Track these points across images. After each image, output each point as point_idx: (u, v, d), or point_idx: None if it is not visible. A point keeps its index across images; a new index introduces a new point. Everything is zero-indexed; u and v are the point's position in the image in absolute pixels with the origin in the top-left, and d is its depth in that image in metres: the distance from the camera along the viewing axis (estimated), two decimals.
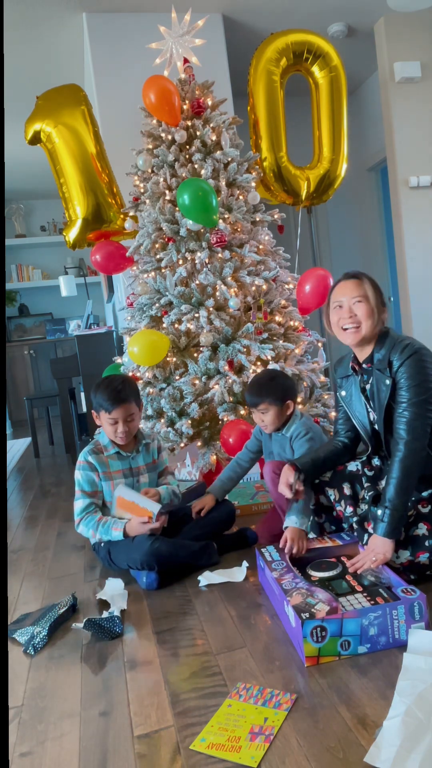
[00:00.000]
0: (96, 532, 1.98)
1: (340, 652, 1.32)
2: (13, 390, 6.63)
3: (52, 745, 1.18)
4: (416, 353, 1.54)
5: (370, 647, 1.33)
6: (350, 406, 1.78)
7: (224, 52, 3.65)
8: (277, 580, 1.54)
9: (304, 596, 1.43)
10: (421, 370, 1.53)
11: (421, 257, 3.98)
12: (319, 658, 1.31)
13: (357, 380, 1.74)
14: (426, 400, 1.52)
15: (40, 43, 3.67)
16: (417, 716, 1.05)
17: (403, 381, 1.54)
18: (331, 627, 1.31)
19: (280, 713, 1.15)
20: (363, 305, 1.61)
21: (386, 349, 1.61)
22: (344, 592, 1.46)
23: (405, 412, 1.53)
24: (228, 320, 2.65)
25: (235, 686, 1.26)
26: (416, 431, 1.51)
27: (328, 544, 1.72)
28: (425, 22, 3.90)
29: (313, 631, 1.30)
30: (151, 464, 2.16)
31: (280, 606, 1.52)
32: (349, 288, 1.64)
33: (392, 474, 1.52)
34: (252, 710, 1.18)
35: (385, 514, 1.51)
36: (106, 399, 1.99)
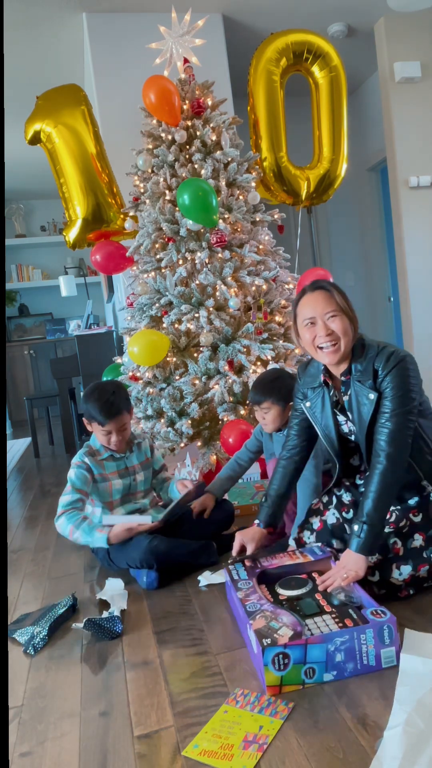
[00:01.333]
0: (77, 529, 1.91)
1: (304, 681, 1.23)
2: (13, 390, 6.63)
3: (52, 745, 1.18)
4: (402, 361, 1.47)
5: (336, 674, 1.24)
6: (316, 419, 1.67)
7: (224, 52, 3.65)
8: (241, 600, 1.45)
9: (268, 619, 1.34)
10: (406, 379, 1.46)
11: (421, 257, 3.97)
12: (282, 687, 1.22)
13: (326, 393, 1.63)
14: (409, 410, 1.46)
15: (40, 43, 3.67)
16: (418, 725, 1.04)
17: (388, 391, 1.47)
18: (295, 654, 1.22)
19: (276, 722, 1.13)
20: (338, 320, 1.50)
21: (368, 359, 1.51)
22: (312, 612, 1.37)
23: (387, 422, 1.46)
24: (228, 320, 2.65)
25: (233, 691, 1.24)
26: (398, 443, 1.44)
27: (299, 560, 1.62)
28: (425, 22, 3.90)
29: (274, 659, 1.21)
30: (144, 462, 2.17)
31: (243, 628, 1.44)
32: (320, 302, 1.51)
33: (371, 488, 1.44)
34: (248, 717, 1.15)
35: (362, 529, 1.43)
36: (99, 412, 1.98)
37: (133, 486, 2.13)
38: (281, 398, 2.00)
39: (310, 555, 1.64)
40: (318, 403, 1.66)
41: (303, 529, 1.74)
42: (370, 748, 1.04)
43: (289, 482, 1.77)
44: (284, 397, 2.00)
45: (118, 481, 2.08)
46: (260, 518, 1.76)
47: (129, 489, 2.12)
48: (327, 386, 1.63)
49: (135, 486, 2.13)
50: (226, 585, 1.67)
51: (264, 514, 1.75)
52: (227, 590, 1.68)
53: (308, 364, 1.70)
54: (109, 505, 2.08)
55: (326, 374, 1.63)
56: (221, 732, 1.13)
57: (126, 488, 2.10)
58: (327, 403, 1.64)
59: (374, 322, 5.22)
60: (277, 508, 1.76)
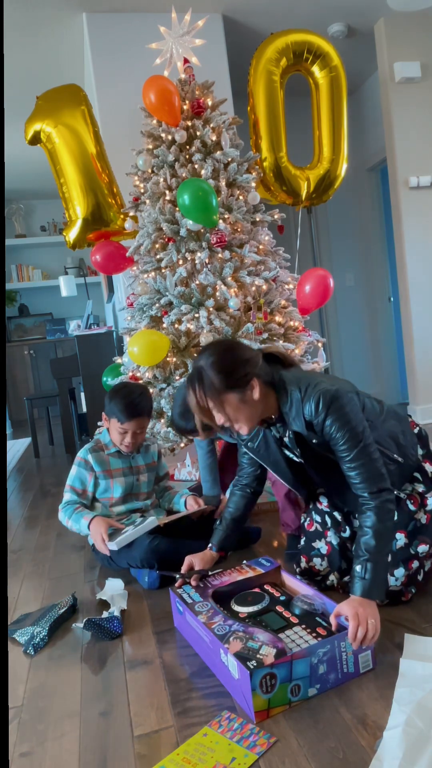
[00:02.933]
0: (69, 519, 2.01)
1: (290, 700, 1.18)
2: (13, 390, 6.63)
3: (52, 745, 1.18)
4: (333, 402, 1.36)
5: (320, 687, 1.20)
6: (263, 458, 1.61)
7: (224, 52, 3.65)
8: (206, 625, 1.34)
9: (243, 640, 1.26)
10: (345, 417, 1.36)
11: (421, 257, 3.97)
12: (269, 710, 1.16)
13: (268, 433, 1.56)
14: (365, 444, 1.37)
15: (40, 43, 3.67)
16: (417, 726, 1.04)
17: (336, 435, 1.37)
18: (281, 672, 1.16)
19: (250, 756, 1.06)
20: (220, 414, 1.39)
21: (294, 405, 1.41)
22: (280, 627, 1.34)
23: (353, 466, 1.37)
24: (228, 320, 2.65)
25: (219, 714, 1.19)
26: (374, 478, 1.36)
27: (249, 574, 1.57)
28: (425, 22, 3.90)
29: (262, 681, 1.14)
30: (150, 465, 2.17)
31: (211, 656, 1.32)
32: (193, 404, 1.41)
33: (367, 523, 1.34)
34: (224, 746, 1.09)
35: (365, 569, 1.29)
36: (122, 410, 1.99)
37: (136, 486, 2.13)
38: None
39: (259, 567, 1.60)
40: (261, 444, 1.59)
41: (310, 557, 1.67)
42: (370, 748, 1.04)
43: (245, 507, 1.71)
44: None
45: (121, 479, 2.09)
46: (213, 541, 1.70)
47: (132, 488, 2.12)
48: (266, 426, 1.55)
49: (138, 486, 2.13)
50: (174, 611, 1.57)
51: (217, 538, 1.69)
52: (175, 617, 1.57)
53: None
54: (110, 503, 2.08)
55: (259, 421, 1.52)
56: (192, 757, 1.08)
57: (129, 487, 2.11)
58: (270, 441, 1.57)
59: (374, 322, 5.23)
60: (231, 532, 1.70)
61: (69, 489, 2.07)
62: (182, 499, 2.15)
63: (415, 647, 1.30)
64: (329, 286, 2.80)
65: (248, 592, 1.53)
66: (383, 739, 1.04)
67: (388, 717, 1.10)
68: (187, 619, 1.45)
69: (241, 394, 1.38)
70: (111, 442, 2.10)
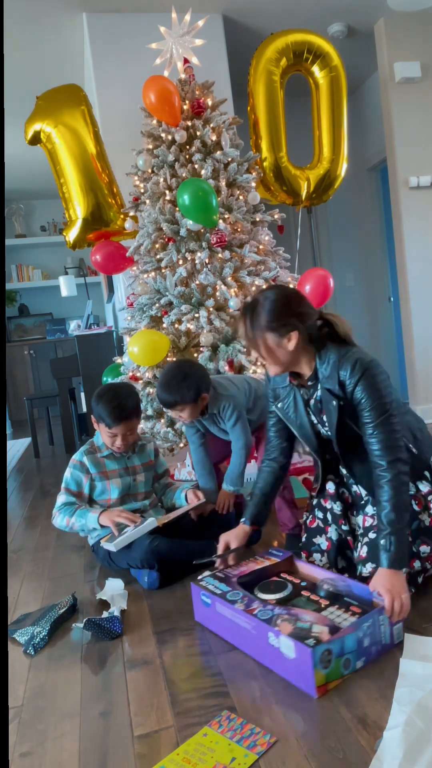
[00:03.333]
0: (71, 517, 1.98)
1: (342, 673, 1.25)
2: (13, 390, 6.63)
3: (52, 745, 1.18)
4: (368, 369, 1.44)
5: (365, 660, 1.28)
6: (290, 419, 1.66)
7: (224, 52, 3.65)
8: (247, 612, 1.37)
9: (292, 622, 1.31)
10: (376, 385, 1.44)
11: (421, 257, 3.97)
12: (327, 685, 1.22)
13: (297, 393, 1.62)
14: (390, 414, 1.44)
15: (40, 43, 3.66)
16: (417, 726, 1.04)
17: (363, 401, 1.44)
18: (335, 647, 1.23)
19: (250, 756, 1.06)
20: (252, 351, 1.52)
21: (331, 365, 1.48)
22: (314, 609, 1.38)
23: (375, 433, 1.44)
24: (228, 320, 2.65)
25: (219, 714, 1.19)
26: (393, 448, 1.43)
27: (265, 563, 1.62)
28: (425, 22, 3.90)
29: (321, 657, 1.21)
30: (147, 464, 2.17)
31: (254, 642, 1.35)
32: (239, 329, 1.53)
33: (385, 497, 1.40)
34: (224, 746, 1.10)
35: (390, 541, 1.37)
36: (108, 415, 1.98)
37: (134, 486, 2.13)
38: (192, 396, 2.00)
39: (273, 557, 1.65)
40: (290, 403, 1.64)
41: (310, 553, 1.71)
42: (370, 748, 1.04)
43: (274, 482, 1.76)
44: (195, 394, 2.01)
45: (118, 480, 2.08)
46: (246, 516, 1.76)
47: (129, 489, 2.11)
48: (296, 385, 1.62)
49: (135, 487, 2.13)
50: (199, 603, 1.55)
51: (250, 513, 1.75)
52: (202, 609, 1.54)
53: None
54: (108, 504, 2.08)
55: (293, 376, 1.61)
56: (192, 757, 1.08)
57: (126, 488, 2.10)
58: (299, 402, 1.62)
59: (374, 322, 5.23)
60: (262, 507, 1.75)
61: (64, 491, 2.06)
62: (183, 494, 2.14)
63: (415, 647, 1.30)
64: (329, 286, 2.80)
65: (269, 581, 1.56)
66: (383, 739, 1.04)
67: (388, 717, 1.10)
68: (219, 610, 1.46)
69: (278, 339, 1.47)
70: (104, 445, 2.10)
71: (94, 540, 2.06)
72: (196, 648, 1.46)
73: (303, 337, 1.49)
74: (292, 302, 1.49)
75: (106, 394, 2.02)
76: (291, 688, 1.24)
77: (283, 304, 1.47)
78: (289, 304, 1.48)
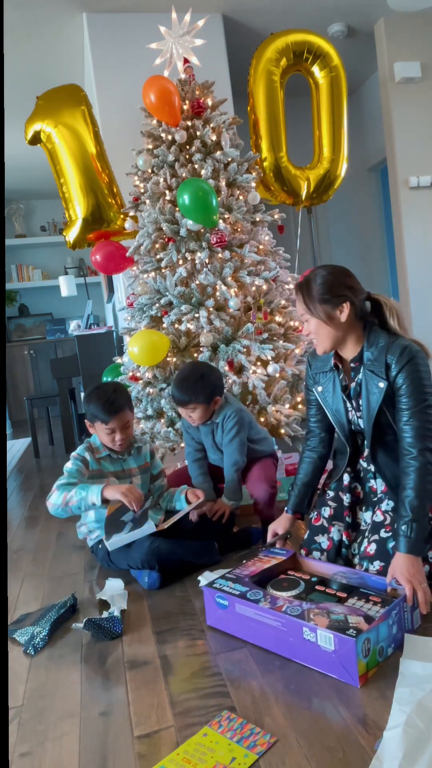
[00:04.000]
0: (69, 493, 1.89)
1: (378, 661, 1.27)
2: (13, 390, 6.63)
3: (52, 745, 1.18)
4: (414, 357, 1.49)
5: (394, 646, 1.32)
6: (327, 403, 1.70)
7: (224, 52, 3.65)
8: (275, 609, 1.38)
9: (325, 615, 1.32)
10: (419, 374, 1.49)
11: (421, 257, 3.97)
12: (367, 673, 1.24)
13: (337, 377, 1.66)
14: (428, 404, 1.48)
15: (40, 43, 3.66)
16: (418, 726, 1.04)
17: (404, 387, 1.49)
18: (372, 636, 1.25)
19: (250, 756, 1.06)
20: (308, 323, 1.57)
21: (379, 348, 1.53)
22: (336, 602, 1.40)
23: (411, 419, 1.48)
24: (228, 320, 2.65)
25: (219, 714, 1.19)
26: (425, 438, 1.47)
27: (271, 562, 1.63)
28: (425, 22, 3.90)
29: (362, 647, 1.23)
30: (143, 466, 2.17)
31: (283, 639, 1.35)
32: (297, 304, 1.60)
33: (410, 484, 1.44)
34: (224, 745, 1.09)
35: (411, 528, 1.41)
36: (101, 410, 1.98)
37: None
38: (207, 397, 2.07)
39: (278, 555, 1.67)
40: (329, 387, 1.68)
41: (310, 550, 1.72)
42: (370, 748, 1.04)
43: (314, 471, 1.80)
44: (209, 395, 2.07)
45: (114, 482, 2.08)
46: (288, 506, 1.80)
47: None
48: (337, 370, 1.66)
49: None
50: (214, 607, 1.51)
51: (292, 502, 1.79)
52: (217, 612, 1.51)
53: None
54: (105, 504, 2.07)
55: (336, 358, 1.66)
56: (192, 757, 1.08)
57: None
58: (337, 386, 1.67)
59: None
60: (303, 496, 1.79)
61: (65, 475, 2.00)
62: (182, 495, 2.14)
63: (416, 647, 1.30)
64: None
65: (279, 579, 1.56)
66: (383, 739, 1.04)
67: (388, 717, 1.10)
68: (239, 610, 1.45)
69: (331, 311, 1.53)
70: (102, 446, 2.10)
71: (93, 542, 2.06)
72: (196, 648, 1.46)
73: (354, 311, 1.54)
74: (343, 275, 1.56)
75: (94, 393, 2.04)
76: (291, 688, 1.24)
77: (336, 277, 1.54)
78: (341, 277, 1.55)
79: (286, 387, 2.69)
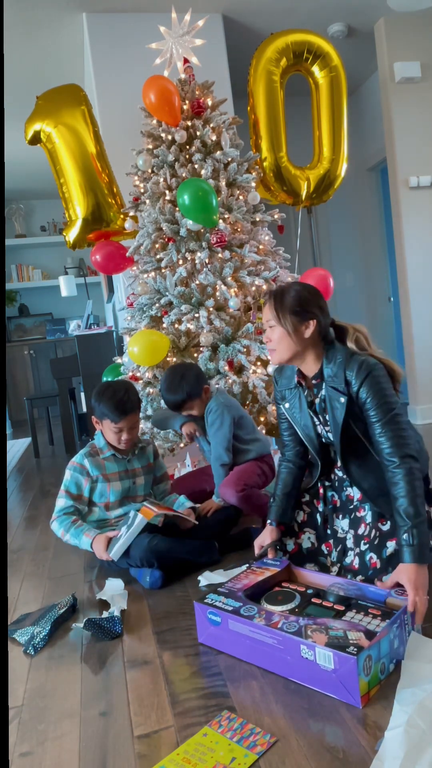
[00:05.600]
0: (66, 532, 1.98)
1: (380, 678, 1.21)
2: (13, 390, 6.63)
3: (52, 745, 1.18)
4: (372, 371, 1.51)
5: (395, 661, 1.26)
6: (295, 419, 1.72)
7: (224, 52, 3.65)
8: (270, 626, 1.30)
9: (323, 631, 1.25)
10: (379, 386, 1.50)
11: (421, 257, 3.97)
12: (369, 692, 1.17)
13: (301, 393, 1.68)
14: (395, 413, 1.50)
15: (40, 43, 3.66)
16: (419, 726, 1.04)
17: (369, 401, 1.50)
18: (374, 653, 1.19)
19: (250, 756, 1.06)
20: (274, 330, 1.58)
21: (337, 364, 1.55)
22: (334, 616, 1.34)
23: (384, 431, 1.49)
24: (228, 320, 2.65)
25: (219, 714, 1.18)
26: (402, 444, 1.47)
27: (265, 574, 1.56)
28: (425, 22, 3.90)
29: (364, 665, 1.16)
30: (146, 467, 2.17)
31: (280, 657, 1.28)
32: (265, 310, 1.61)
33: (401, 492, 1.43)
34: (224, 745, 1.09)
35: (412, 535, 1.38)
36: (113, 410, 1.99)
37: (133, 489, 2.12)
38: (196, 388, 2.19)
39: (271, 567, 1.61)
40: (296, 403, 1.70)
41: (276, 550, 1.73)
42: (371, 748, 1.04)
43: (293, 481, 1.79)
44: (197, 386, 2.20)
45: (117, 483, 2.08)
46: (271, 518, 1.77)
47: (128, 492, 2.11)
48: (301, 387, 1.68)
49: (135, 489, 2.13)
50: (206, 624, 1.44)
51: (274, 514, 1.77)
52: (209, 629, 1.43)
53: (283, 367, 1.73)
54: (106, 506, 2.07)
55: (299, 376, 1.67)
56: (192, 757, 1.07)
57: (125, 491, 2.10)
58: (304, 403, 1.68)
59: (374, 322, 5.22)
60: (285, 507, 1.77)
61: (64, 494, 2.05)
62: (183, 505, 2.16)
63: (417, 647, 1.30)
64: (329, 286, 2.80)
65: (274, 592, 1.51)
66: (384, 739, 1.04)
67: (389, 717, 1.10)
68: (232, 627, 1.37)
69: (297, 324, 1.56)
70: (106, 446, 2.09)
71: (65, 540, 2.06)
72: (196, 648, 1.46)
73: (319, 329, 1.57)
74: (316, 296, 1.61)
75: (106, 392, 2.03)
76: (291, 688, 1.24)
77: (310, 294, 1.59)
78: (314, 297, 1.60)
79: None
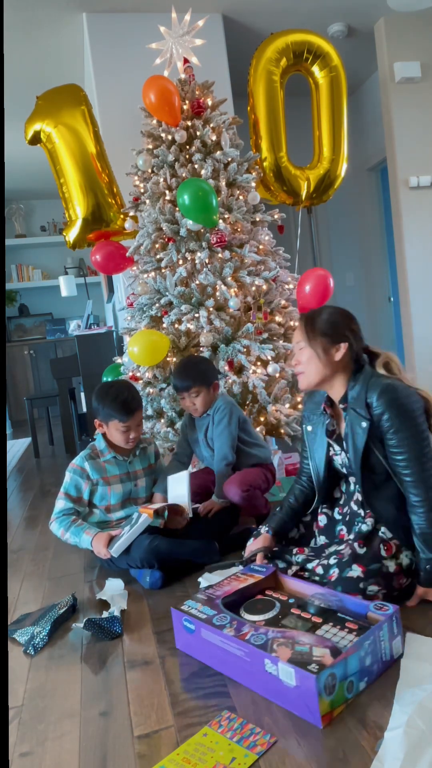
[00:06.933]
0: (66, 531, 1.98)
1: (347, 697, 1.15)
2: (13, 390, 6.63)
3: (52, 745, 1.18)
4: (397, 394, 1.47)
5: (367, 680, 1.20)
6: (312, 444, 1.70)
7: (224, 52, 3.65)
8: (238, 638, 1.25)
9: (289, 646, 1.20)
10: (407, 414, 1.46)
11: (421, 257, 3.97)
12: (332, 712, 1.12)
13: (325, 421, 1.65)
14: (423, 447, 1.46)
15: (40, 43, 3.67)
16: (419, 726, 1.03)
17: (392, 433, 1.47)
18: (339, 671, 1.13)
19: (250, 756, 1.05)
20: (303, 351, 1.58)
21: (360, 386, 1.53)
22: (307, 629, 1.30)
23: (408, 469, 1.46)
24: (228, 320, 2.65)
25: (220, 714, 1.18)
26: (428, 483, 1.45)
27: (248, 581, 1.51)
28: (425, 22, 3.90)
29: (326, 684, 1.11)
30: (148, 468, 2.17)
31: (246, 670, 1.24)
32: (296, 332, 1.61)
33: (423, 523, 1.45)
34: (224, 745, 1.09)
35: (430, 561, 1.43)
36: (119, 410, 1.99)
37: (134, 491, 2.12)
38: (206, 380, 2.18)
39: (256, 574, 1.56)
40: (318, 430, 1.68)
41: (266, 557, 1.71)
42: (371, 749, 1.04)
43: (304, 500, 1.77)
44: (209, 379, 2.20)
45: (118, 486, 2.07)
46: (269, 525, 1.75)
47: (130, 494, 2.11)
48: (325, 414, 1.65)
49: (136, 491, 2.12)
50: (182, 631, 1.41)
51: (275, 522, 1.75)
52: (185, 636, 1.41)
53: (314, 392, 1.70)
54: (107, 509, 2.07)
55: (327, 403, 1.66)
56: (192, 757, 1.07)
57: (126, 493, 2.09)
58: (323, 432, 1.66)
59: (374, 322, 5.22)
60: (288, 519, 1.76)
61: (63, 496, 2.04)
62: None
63: (416, 647, 1.30)
64: (329, 285, 2.80)
65: (254, 600, 1.47)
66: (384, 739, 1.04)
67: (389, 717, 1.10)
68: (205, 636, 1.33)
69: (328, 345, 1.54)
70: (107, 449, 2.09)
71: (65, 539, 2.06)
72: None
73: (350, 354, 1.56)
74: (349, 318, 1.59)
75: (109, 393, 2.03)
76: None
77: (342, 318, 1.58)
78: (346, 320, 1.58)
79: (286, 387, 2.69)
